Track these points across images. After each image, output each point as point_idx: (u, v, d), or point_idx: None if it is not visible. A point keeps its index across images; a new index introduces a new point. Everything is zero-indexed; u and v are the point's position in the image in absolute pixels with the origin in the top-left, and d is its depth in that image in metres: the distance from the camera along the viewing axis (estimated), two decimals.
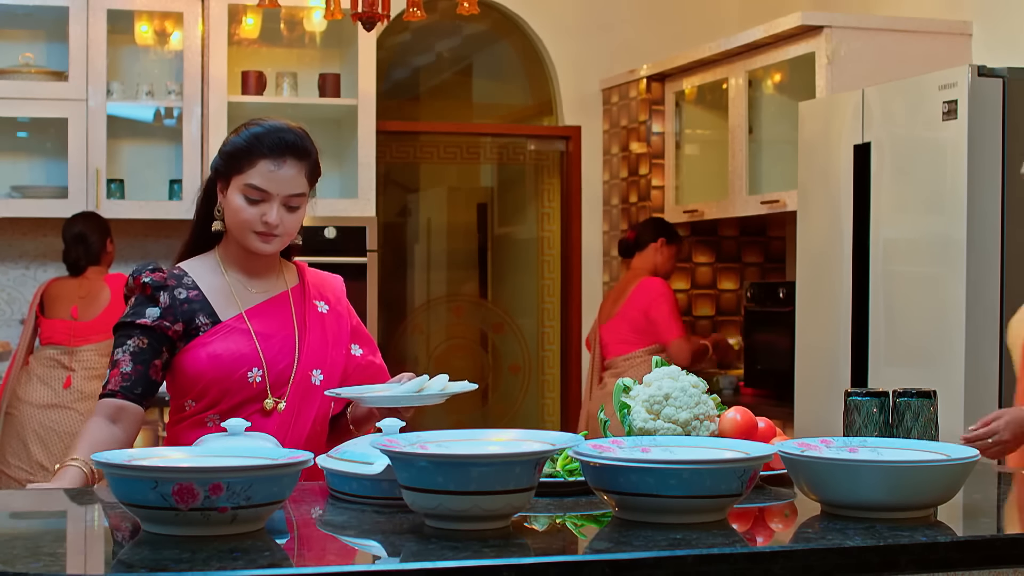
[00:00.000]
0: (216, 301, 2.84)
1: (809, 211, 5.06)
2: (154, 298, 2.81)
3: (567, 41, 7.00)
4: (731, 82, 5.96)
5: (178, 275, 2.86)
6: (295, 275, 2.98)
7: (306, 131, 2.86)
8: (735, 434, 2.52)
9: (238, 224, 2.81)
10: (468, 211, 8.05)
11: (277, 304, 2.90)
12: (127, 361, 2.78)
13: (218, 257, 2.90)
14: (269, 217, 2.77)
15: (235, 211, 2.80)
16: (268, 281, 2.91)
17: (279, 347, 2.84)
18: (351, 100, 6.22)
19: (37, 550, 1.96)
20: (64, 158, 6.02)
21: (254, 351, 2.81)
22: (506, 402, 7.66)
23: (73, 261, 5.69)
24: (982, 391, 4.25)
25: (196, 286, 2.85)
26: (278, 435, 2.77)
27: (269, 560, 1.88)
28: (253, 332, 2.83)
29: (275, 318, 2.87)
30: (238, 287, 2.87)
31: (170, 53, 6.32)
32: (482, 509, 2.00)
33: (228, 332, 2.82)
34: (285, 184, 2.78)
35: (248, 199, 2.78)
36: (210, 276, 2.87)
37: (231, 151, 2.81)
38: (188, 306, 2.82)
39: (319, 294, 2.96)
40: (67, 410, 5.50)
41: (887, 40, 5.27)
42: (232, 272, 2.88)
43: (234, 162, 2.80)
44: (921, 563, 1.99)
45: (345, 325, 2.96)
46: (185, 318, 2.81)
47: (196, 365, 2.78)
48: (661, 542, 1.95)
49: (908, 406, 2.58)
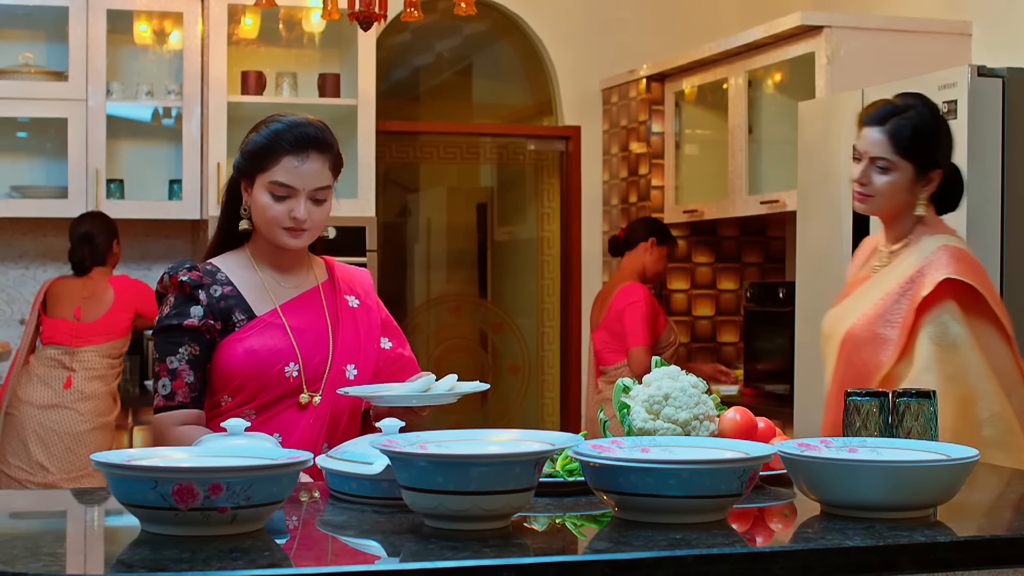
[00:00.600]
0: (250, 296, 2.85)
1: (809, 211, 5.06)
2: (194, 297, 2.81)
3: (567, 41, 7.00)
4: (731, 82, 5.97)
5: (211, 271, 2.86)
6: (324, 270, 2.99)
7: (326, 124, 2.88)
8: (735, 434, 2.52)
9: (266, 222, 2.82)
10: (468, 211, 8.05)
11: (309, 299, 2.91)
12: (188, 371, 2.78)
13: (249, 253, 2.91)
14: (297, 213, 2.79)
15: (262, 209, 2.81)
16: (299, 276, 2.93)
17: (313, 342, 2.85)
18: (351, 100, 6.23)
19: (37, 550, 1.96)
20: (64, 158, 6.03)
21: (290, 346, 2.82)
22: (506, 402, 7.67)
23: (78, 261, 5.68)
24: None
25: (230, 282, 2.86)
26: (313, 429, 2.79)
27: (269, 560, 1.88)
28: (288, 327, 2.84)
29: (308, 313, 2.89)
30: (271, 282, 2.89)
31: (169, 53, 6.33)
32: (482, 509, 2.00)
33: (264, 327, 2.83)
34: (310, 178, 2.79)
35: (274, 196, 2.79)
36: (243, 272, 2.88)
37: (253, 150, 2.82)
38: (224, 303, 2.83)
39: (349, 288, 2.97)
40: (67, 410, 5.50)
41: (887, 40, 5.27)
42: (264, 268, 2.90)
43: (257, 161, 2.81)
44: (921, 563, 1.99)
45: (375, 319, 2.97)
46: (223, 315, 2.82)
47: (233, 360, 2.79)
48: (661, 542, 1.95)
49: (908, 406, 2.58)
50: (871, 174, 3.12)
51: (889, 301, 3.08)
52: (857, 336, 3.07)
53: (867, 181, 3.12)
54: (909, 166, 3.10)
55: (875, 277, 3.17)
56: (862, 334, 3.06)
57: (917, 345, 3.01)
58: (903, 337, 3.02)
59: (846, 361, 3.07)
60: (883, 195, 3.12)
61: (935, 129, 3.13)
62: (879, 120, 3.12)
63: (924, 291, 3.02)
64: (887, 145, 3.10)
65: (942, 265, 3.06)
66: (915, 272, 3.08)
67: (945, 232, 3.19)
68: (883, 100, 3.18)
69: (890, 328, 3.05)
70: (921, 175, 3.12)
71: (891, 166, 3.10)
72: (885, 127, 3.11)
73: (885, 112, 3.13)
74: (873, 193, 3.12)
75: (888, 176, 3.10)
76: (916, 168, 3.11)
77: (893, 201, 3.13)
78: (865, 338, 3.05)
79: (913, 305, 3.03)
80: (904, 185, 3.11)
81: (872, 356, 3.02)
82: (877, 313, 3.08)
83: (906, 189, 3.12)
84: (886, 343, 3.03)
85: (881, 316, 3.07)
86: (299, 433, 2.80)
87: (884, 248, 3.21)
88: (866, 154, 3.12)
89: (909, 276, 3.08)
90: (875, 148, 3.11)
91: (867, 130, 3.14)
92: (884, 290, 3.11)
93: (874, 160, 3.11)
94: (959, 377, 3.00)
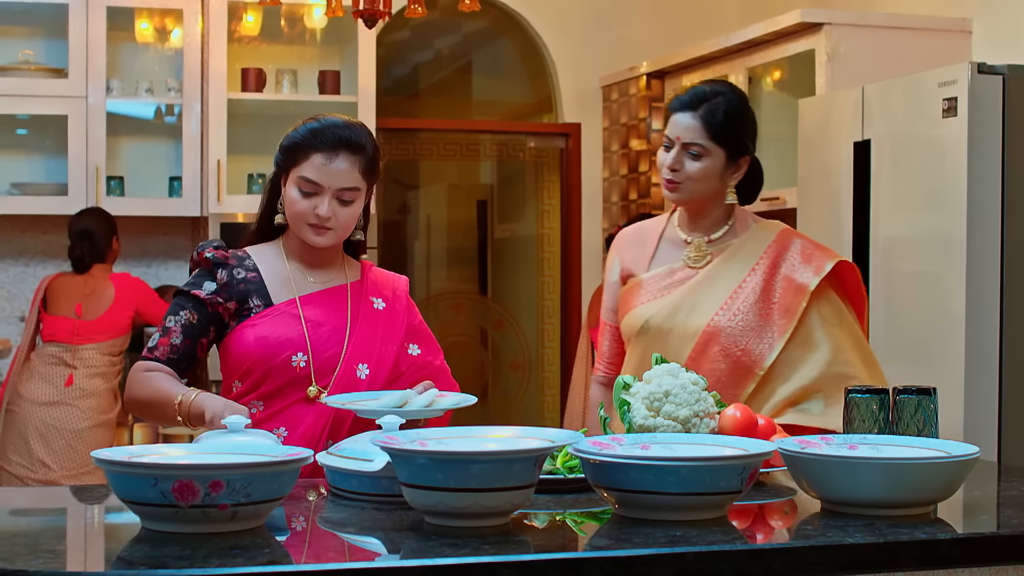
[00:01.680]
0: (272, 285, 2.89)
1: (809, 208, 5.06)
2: (212, 273, 2.87)
3: (567, 38, 7.00)
4: (731, 79, 5.96)
5: (241, 256, 2.91)
6: (358, 272, 3.01)
7: (366, 128, 2.91)
8: (735, 431, 2.52)
9: (293, 216, 2.86)
10: (468, 208, 8.05)
11: (333, 295, 2.93)
12: (178, 332, 2.85)
13: (282, 247, 2.95)
14: (320, 210, 2.81)
15: (291, 203, 2.85)
16: (328, 273, 2.95)
17: (328, 336, 2.86)
18: (351, 97, 6.22)
19: (37, 547, 1.96)
20: (64, 155, 6.03)
21: (301, 336, 2.83)
22: (506, 399, 7.67)
23: (78, 258, 5.68)
24: (982, 388, 4.25)
25: (256, 268, 2.90)
26: (318, 424, 2.80)
27: (269, 557, 1.88)
28: (303, 318, 2.86)
29: (329, 308, 2.90)
30: (297, 275, 2.92)
31: (170, 50, 6.32)
32: (482, 506, 2.00)
33: (278, 315, 2.85)
34: (337, 177, 2.81)
35: (302, 192, 2.82)
36: (272, 261, 2.92)
37: (288, 145, 2.87)
38: (244, 286, 2.87)
39: (377, 291, 2.98)
40: (69, 407, 5.50)
41: (887, 37, 5.27)
42: (294, 261, 2.93)
43: (291, 155, 2.85)
44: (921, 560, 1.99)
45: (399, 323, 2.97)
46: (239, 297, 2.86)
47: (243, 345, 2.82)
48: (661, 539, 1.95)
49: (908, 403, 2.58)
50: (683, 160, 3.06)
51: (749, 290, 3.04)
52: (728, 327, 3.00)
53: (679, 167, 3.05)
54: (721, 152, 3.05)
55: (709, 269, 3.10)
56: (733, 325, 3.00)
57: (811, 328, 3.01)
58: (789, 322, 3.00)
59: (722, 353, 3.02)
60: (695, 181, 3.05)
61: (744, 114, 3.09)
62: (691, 105, 3.06)
63: (814, 278, 3.02)
64: (700, 130, 3.04)
65: (814, 250, 3.08)
66: (769, 261, 3.06)
67: (764, 220, 3.19)
68: (692, 85, 3.13)
69: (768, 315, 3.01)
70: (732, 161, 3.08)
71: (704, 152, 3.04)
72: (698, 112, 3.05)
73: (697, 97, 3.07)
74: (683, 180, 3.06)
75: (701, 162, 3.05)
76: (728, 154, 3.06)
77: (704, 187, 3.07)
78: (739, 328, 3.00)
79: (801, 292, 3.01)
80: (716, 171, 3.06)
81: (755, 343, 2.99)
82: (743, 302, 3.03)
83: (717, 176, 3.07)
84: (766, 330, 3.00)
85: (751, 304, 3.02)
86: (304, 427, 2.80)
87: (696, 239, 3.14)
88: (678, 140, 3.06)
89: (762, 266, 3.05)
90: (688, 133, 3.05)
91: (679, 115, 3.07)
92: (733, 280, 3.06)
93: (687, 146, 3.05)
94: (860, 342, 3.05)
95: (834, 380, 2.96)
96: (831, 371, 2.98)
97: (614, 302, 3.27)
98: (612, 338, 3.31)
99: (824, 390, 2.97)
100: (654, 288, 3.14)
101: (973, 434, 4.19)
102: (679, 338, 3.05)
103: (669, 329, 3.07)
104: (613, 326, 3.30)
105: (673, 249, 3.18)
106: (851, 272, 3.12)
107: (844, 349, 3.00)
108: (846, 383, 2.90)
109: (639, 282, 3.18)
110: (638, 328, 3.12)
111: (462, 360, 7.58)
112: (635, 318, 3.14)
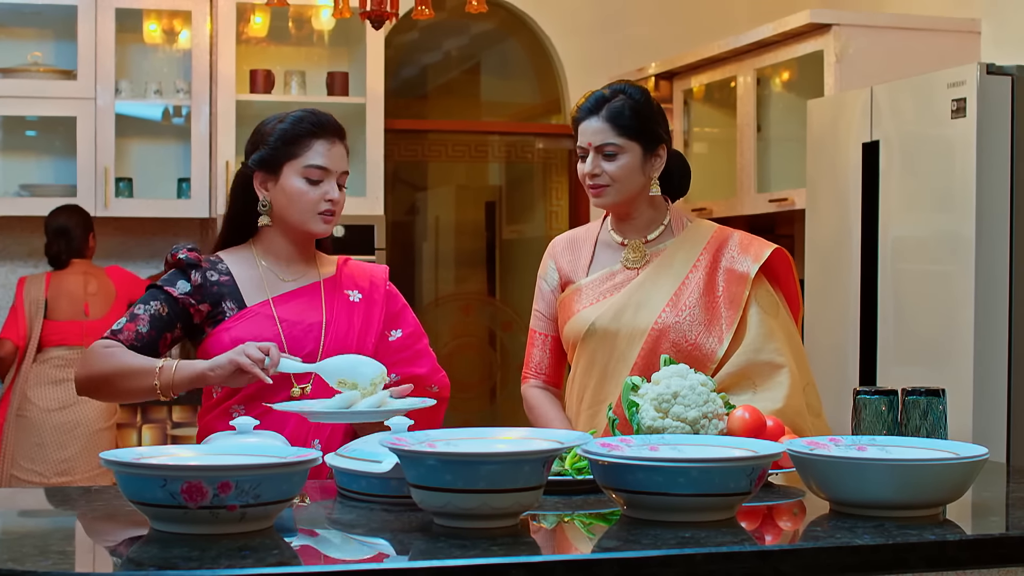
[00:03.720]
0: (245, 288, 2.89)
1: (818, 209, 5.06)
2: (186, 274, 2.88)
3: (575, 39, 7.00)
4: (739, 80, 5.96)
5: (214, 260, 2.92)
6: (333, 268, 3.01)
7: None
8: (744, 432, 2.52)
9: (301, 209, 2.85)
10: (476, 209, 8.05)
11: (307, 293, 2.93)
12: (146, 321, 2.83)
13: (253, 250, 2.95)
14: (333, 194, 2.85)
15: (297, 196, 2.84)
16: (301, 271, 2.96)
17: (303, 334, 2.87)
18: (359, 98, 6.23)
19: (46, 548, 1.97)
20: (73, 157, 6.03)
21: (276, 337, 2.84)
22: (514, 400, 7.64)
23: (55, 255, 5.70)
24: (991, 389, 4.25)
25: (229, 272, 2.90)
26: (303, 425, 2.80)
27: (278, 558, 1.88)
28: (277, 318, 2.86)
29: (302, 306, 2.91)
30: (270, 277, 2.92)
31: (179, 52, 6.33)
32: (491, 507, 2.00)
33: (252, 317, 2.86)
34: (340, 161, 2.88)
35: (310, 180, 2.84)
36: (244, 266, 2.92)
37: (282, 138, 2.86)
38: (217, 289, 2.87)
39: (352, 283, 2.99)
40: (85, 409, 5.49)
41: (896, 38, 5.26)
42: (267, 263, 2.93)
43: (287, 148, 2.85)
44: (930, 561, 1.99)
45: (378, 312, 2.98)
46: (212, 300, 2.86)
47: (219, 348, 2.80)
48: (670, 540, 1.95)
49: (917, 404, 2.58)
50: (600, 164, 3.06)
51: (693, 285, 3.04)
52: (676, 323, 2.99)
53: (599, 172, 3.05)
54: (635, 145, 3.05)
55: (651, 269, 3.10)
56: (681, 320, 3.00)
57: (748, 315, 3.01)
58: (735, 313, 3.00)
59: (673, 349, 2.99)
60: (618, 180, 3.05)
61: (649, 106, 3.09)
62: (594, 110, 3.07)
63: (754, 265, 3.03)
64: (609, 130, 3.04)
65: (751, 241, 3.09)
66: (709, 256, 3.06)
67: (699, 219, 3.21)
68: (590, 92, 3.13)
69: (715, 308, 3.02)
70: (648, 152, 3.08)
71: (618, 150, 3.04)
72: (601, 114, 3.06)
73: (598, 102, 3.08)
74: (607, 183, 3.05)
75: (617, 161, 3.05)
76: (642, 147, 3.06)
77: (628, 186, 3.07)
78: (688, 323, 3.00)
79: (743, 280, 3.02)
80: (635, 166, 3.06)
81: (704, 337, 2.99)
82: (689, 297, 3.03)
83: (638, 170, 3.06)
84: (714, 323, 3.00)
85: (696, 299, 3.02)
86: (290, 429, 2.80)
87: (632, 240, 3.14)
88: (590, 146, 3.07)
89: (703, 261, 3.06)
90: (597, 136, 3.05)
91: (584, 124, 3.08)
92: (676, 278, 3.06)
93: (600, 149, 3.05)
94: (793, 336, 3.06)
95: (763, 368, 2.96)
96: (760, 359, 2.97)
97: (550, 310, 3.26)
98: (543, 347, 3.31)
99: (753, 378, 2.96)
100: (595, 292, 3.15)
101: (982, 435, 4.18)
102: (627, 338, 3.05)
103: (616, 330, 3.06)
104: (544, 335, 3.29)
105: (610, 252, 3.19)
106: (785, 266, 3.13)
107: (776, 338, 3.00)
108: (776, 372, 2.93)
109: (579, 288, 3.18)
110: (584, 332, 3.11)
111: (471, 362, 7.58)
112: (579, 322, 3.13)
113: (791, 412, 2.89)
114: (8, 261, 6.28)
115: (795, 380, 2.96)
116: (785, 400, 2.91)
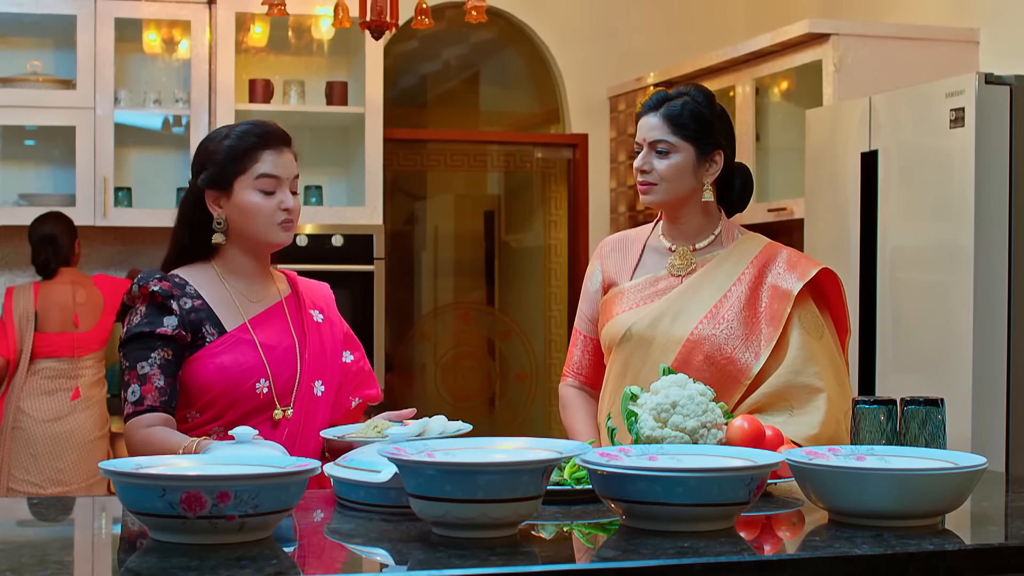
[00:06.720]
0: (220, 311, 2.84)
1: (816, 219, 5.06)
2: (167, 307, 2.79)
3: (574, 49, 7.01)
4: (738, 90, 5.97)
5: (180, 283, 2.84)
6: (286, 284, 2.99)
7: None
8: (742, 442, 2.52)
9: (259, 221, 2.82)
10: (475, 219, 8.05)
11: (275, 314, 2.90)
12: (158, 375, 2.74)
13: (216, 269, 2.89)
14: (288, 203, 2.83)
15: (253, 209, 2.81)
16: (264, 289, 2.92)
17: (282, 358, 2.85)
18: (358, 108, 6.23)
19: (45, 558, 1.96)
20: (72, 166, 6.04)
21: (260, 362, 2.81)
22: (513, 410, 7.66)
23: (43, 263, 5.65)
24: (990, 398, 4.25)
25: (199, 295, 2.84)
26: (286, 444, 2.77)
27: (276, 568, 1.88)
28: (258, 343, 2.83)
29: (275, 328, 2.88)
30: (239, 297, 2.87)
31: (178, 61, 6.34)
32: (489, 517, 2.00)
33: (235, 343, 2.81)
34: (290, 167, 2.86)
35: (263, 192, 2.81)
36: (211, 287, 2.86)
37: (228, 155, 2.82)
38: (195, 315, 2.81)
39: (312, 303, 2.97)
40: (77, 420, 5.48)
41: (894, 48, 5.27)
42: (231, 282, 2.88)
43: (236, 163, 2.82)
44: (929, 571, 1.99)
45: (338, 333, 2.98)
46: (193, 328, 2.80)
47: (204, 376, 2.77)
48: (669, 550, 1.95)
49: (915, 414, 2.58)
50: (652, 160, 3.06)
51: (734, 299, 3.01)
52: (713, 336, 2.97)
53: (649, 168, 3.05)
54: (689, 147, 3.05)
55: (694, 278, 3.08)
56: (718, 333, 2.98)
57: (789, 335, 2.97)
58: (775, 330, 2.97)
59: (707, 362, 2.98)
60: (667, 180, 3.05)
61: (710, 109, 3.09)
62: (654, 107, 3.09)
63: (798, 283, 3.00)
64: (663, 127, 3.05)
65: (799, 259, 3.07)
66: (755, 271, 3.04)
67: (751, 232, 3.19)
68: (655, 89, 3.15)
69: (755, 324, 2.99)
70: (702, 156, 3.07)
71: (671, 148, 3.04)
72: (659, 111, 3.07)
73: (658, 99, 3.10)
74: (656, 180, 3.05)
75: (669, 159, 3.05)
76: (696, 149, 3.06)
77: (677, 187, 3.06)
78: (724, 336, 2.98)
79: (785, 297, 2.99)
80: (686, 167, 3.05)
81: (741, 352, 2.97)
82: (729, 310, 3.01)
83: (689, 171, 3.05)
84: (752, 339, 2.97)
85: (736, 313, 3.00)
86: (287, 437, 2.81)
87: (680, 247, 3.13)
88: (644, 141, 3.07)
89: (748, 275, 3.03)
90: (652, 132, 3.06)
91: (643, 119, 3.09)
92: (718, 289, 3.04)
93: (653, 145, 3.06)
94: (836, 360, 3.01)
95: (801, 391, 2.92)
96: (799, 381, 2.93)
97: (592, 312, 3.24)
98: (583, 348, 3.28)
99: (791, 400, 2.93)
100: (637, 296, 3.12)
101: (981, 445, 4.18)
102: (661, 346, 3.03)
103: (652, 337, 3.04)
104: (586, 336, 3.27)
105: (657, 258, 3.17)
106: (835, 287, 3.09)
107: (817, 361, 2.96)
108: (814, 396, 2.89)
109: (621, 290, 3.16)
110: (620, 336, 3.09)
111: (469, 371, 7.58)
112: (617, 326, 3.11)
113: (825, 439, 2.83)
114: (7, 271, 6.28)
115: (833, 406, 2.90)
116: (820, 426, 2.87)
